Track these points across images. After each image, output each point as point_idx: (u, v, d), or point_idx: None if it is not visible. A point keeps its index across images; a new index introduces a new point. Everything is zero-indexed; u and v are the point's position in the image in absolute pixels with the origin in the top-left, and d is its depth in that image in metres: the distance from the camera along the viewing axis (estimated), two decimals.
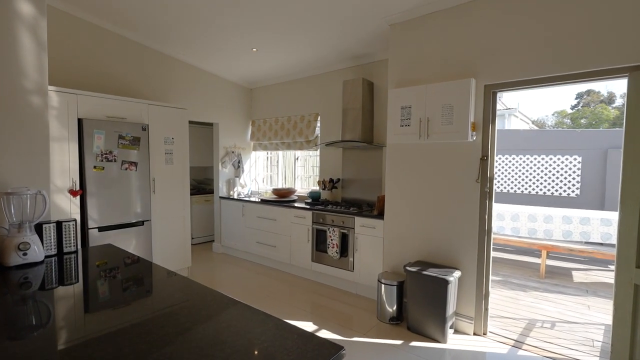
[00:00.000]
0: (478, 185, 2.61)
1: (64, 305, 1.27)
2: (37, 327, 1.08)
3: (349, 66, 4.06)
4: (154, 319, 1.09)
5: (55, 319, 1.14)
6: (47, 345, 0.96)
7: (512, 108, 10.26)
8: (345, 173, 4.14)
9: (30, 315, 1.18)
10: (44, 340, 0.99)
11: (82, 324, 1.11)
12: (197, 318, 1.09)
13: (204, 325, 1.04)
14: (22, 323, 1.11)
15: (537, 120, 20.75)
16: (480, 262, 2.64)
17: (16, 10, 1.68)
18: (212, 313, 1.13)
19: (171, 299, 1.29)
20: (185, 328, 1.02)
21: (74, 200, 2.96)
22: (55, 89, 2.82)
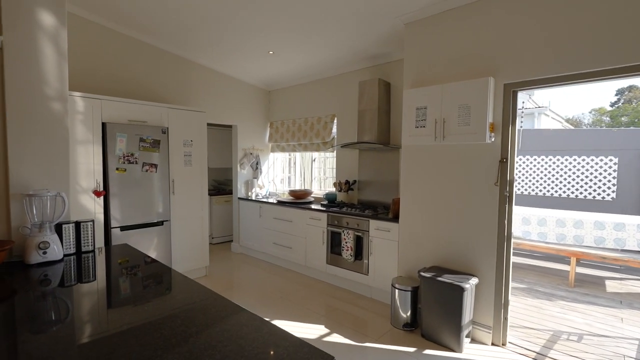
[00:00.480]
0: (497, 189, 2.50)
1: (82, 301, 1.32)
2: (56, 322, 1.14)
3: (365, 67, 4.01)
4: (152, 323, 1.11)
5: (73, 315, 1.20)
6: (66, 339, 1.01)
7: (542, 106, 9.77)
8: (361, 175, 4.10)
9: (49, 311, 1.24)
10: (62, 335, 1.04)
11: (103, 318, 1.15)
12: (194, 322, 1.10)
13: (199, 329, 1.05)
14: (42, 318, 1.17)
15: (572, 118, 19.69)
16: (499, 269, 2.52)
17: (38, 22, 1.78)
18: (210, 317, 1.14)
19: (174, 302, 1.32)
20: (181, 331, 1.03)
21: (98, 200, 3.10)
22: (80, 95, 2.97)
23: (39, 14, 1.78)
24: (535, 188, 6.64)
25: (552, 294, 3.63)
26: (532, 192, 6.66)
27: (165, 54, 4.01)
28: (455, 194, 2.71)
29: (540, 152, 6.58)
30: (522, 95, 9.85)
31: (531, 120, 9.19)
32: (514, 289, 3.74)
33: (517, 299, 3.48)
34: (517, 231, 4.72)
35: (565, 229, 4.31)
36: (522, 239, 4.61)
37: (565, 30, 2.18)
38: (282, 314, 3.03)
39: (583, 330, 2.83)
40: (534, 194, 6.63)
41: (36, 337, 1.01)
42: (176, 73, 4.14)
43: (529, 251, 5.12)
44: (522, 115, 7.81)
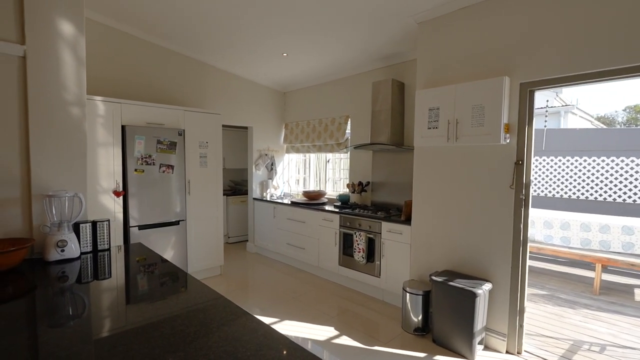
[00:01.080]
0: (512, 192, 2.42)
1: (98, 297, 1.38)
2: (73, 317, 1.20)
3: (379, 67, 3.97)
4: (152, 324, 1.14)
5: (90, 310, 1.27)
6: (83, 333, 1.07)
7: (569, 105, 9.36)
8: (375, 176, 4.06)
9: (67, 306, 1.30)
10: (79, 329, 1.09)
11: (120, 314, 1.20)
12: (193, 322, 1.13)
13: (196, 329, 1.07)
14: (60, 312, 1.23)
15: (605, 116, 18.72)
16: (514, 274, 2.43)
17: (58, 31, 1.87)
18: (209, 318, 1.16)
19: (175, 303, 1.35)
20: (179, 331, 1.06)
21: (118, 200, 3.22)
22: (101, 99, 3.10)
23: (59, 23, 1.87)
24: (560, 190, 6.37)
25: (574, 302, 3.47)
26: (557, 194, 6.38)
27: (183, 57, 4.12)
28: (469, 196, 2.64)
29: (566, 153, 6.30)
30: (549, 94, 9.47)
31: (557, 119, 8.82)
32: (533, 296, 3.60)
33: (537, 305, 3.35)
34: (539, 235, 4.54)
35: (591, 233, 4.11)
36: (544, 243, 4.44)
37: (587, 25, 2.08)
38: (293, 315, 3.05)
39: (606, 341, 2.69)
40: (558, 196, 6.36)
41: (54, 330, 1.07)
42: (193, 76, 4.24)
43: (551, 256, 4.91)
44: (547, 114, 7.51)
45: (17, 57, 1.77)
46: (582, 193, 6.12)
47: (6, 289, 1.46)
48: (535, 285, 3.89)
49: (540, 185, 6.59)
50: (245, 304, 3.26)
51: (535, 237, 4.61)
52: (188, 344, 0.98)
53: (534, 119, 2.42)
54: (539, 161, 6.55)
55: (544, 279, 4.13)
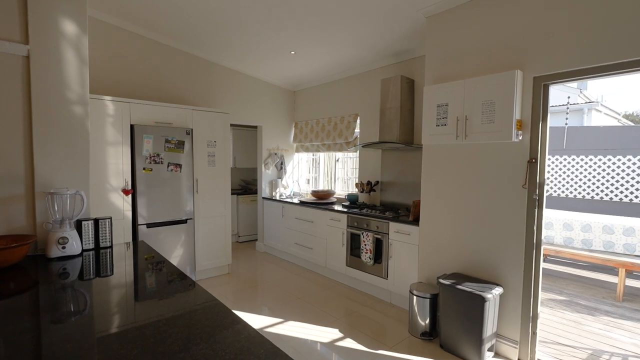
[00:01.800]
0: (525, 192, 2.30)
1: (99, 294, 1.38)
2: (75, 313, 1.20)
3: (388, 64, 3.89)
4: (138, 327, 1.12)
5: (92, 306, 1.27)
6: (84, 329, 1.07)
7: (593, 101, 8.95)
8: (384, 175, 3.98)
9: (67, 303, 1.30)
10: (80, 325, 1.09)
11: (131, 311, 1.20)
12: (177, 323, 1.10)
13: (179, 330, 1.04)
14: (61, 309, 1.23)
15: (633, 114, 17.84)
16: (526, 279, 2.31)
17: (61, 30, 1.89)
18: (195, 320, 1.14)
19: (164, 304, 1.33)
20: (161, 331, 1.04)
21: (127, 198, 3.27)
22: (111, 99, 3.15)
23: (62, 23, 1.89)
24: (582, 191, 6.08)
25: (595, 308, 3.29)
26: (578, 194, 6.10)
27: (191, 57, 4.16)
28: (479, 196, 2.53)
29: (588, 152, 6.01)
30: (571, 90, 9.08)
31: (579, 116, 8.45)
32: (550, 301, 3.44)
33: (554, 311, 3.19)
34: (558, 237, 4.34)
35: (614, 236, 3.89)
36: (563, 246, 4.24)
37: (608, 12, 1.95)
38: (298, 315, 3.01)
39: (629, 351, 2.52)
40: (580, 197, 6.07)
41: (56, 326, 1.08)
42: (202, 75, 4.27)
43: (570, 260, 4.69)
44: (568, 111, 7.19)
45: (20, 57, 1.80)
46: (606, 194, 5.83)
47: (8, 285, 1.49)
48: (552, 290, 3.72)
49: (560, 186, 6.31)
50: (251, 304, 3.25)
51: (555, 240, 4.42)
52: (167, 346, 0.95)
53: (554, 116, 2.29)
54: (559, 160, 6.28)
55: (563, 284, 3.94)
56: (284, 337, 2.64)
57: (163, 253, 3.49)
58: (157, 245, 3.45)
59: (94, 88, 3.42)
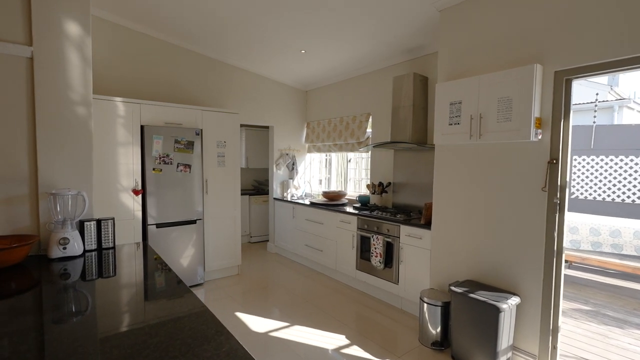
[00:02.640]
0: (545, 195, 2.14)
1: (97, 294, 1.35)
2: (77, 313, 1.18)
3: (401, 61, 3.76)
4: (121, 334, 1.08)
5: (95, 307, 1.25)
6: (86, 329, 1.07)
7: (624, 98, 8.42)
8: (396, 176, 3.85)
9: (69, 303, 1.29)
10: (82, 325, 1.09)
11: (118, 317, 1.17)
12: (160, 332, 1.05)
13: (160, 340, 0.99)
14: (64, 309, 1.22)
15: None
16: (546, 288, 2.15)
17: (65, 31, 1.90)
18: (177, 330, 1.08)
19: (151, 309, 1.29)
20: (142, 341, 0.99)
21: (137, 198, 3.29)
22: (122, 100, 3.18)
23: (66, 24, 1.90)
24: (612, 193, 5.72)
25: (624, 321, 3.05)
26: (607, 197, 5.74)
27: (202, 57, 4.17)
28: (494, 199, 2.38)
29: (619, 152, 5.65)
30: (600, 86, 8.59)
31: (609, 114, 7.97)
32: (574, 311, 3.22)
33: (578, 323, 2.98)
34: (585, 243, 4.08)
35: None
36: (590, 252, 3.98)
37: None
38: (305, 319, 2.94)
39: None
40: (609, 200, 5.71)
41: (59, 327, 1.07)
42: (212, 75, 4.27)
43: (598, 267, 4.40)
44: (596, 109, 6.79)
45: (24, 59, 1.81)
46: (638, 197, 5.45)
47: (9, 284, 1.49)
48: (577, 300, 3.49)
49: (587, 188, 5.96)
50: (257, 306, 3.20)
51: (581, 245, 4.16)
52: (144, 357, 0.90)
53: (580, 114, 2.12)
54: (587, 161, 5.93)
55: (589, 293, 3.69)
56: (289, 342, 2.57)
57: (173, 253, 3.50)
58: (167, 245, 3.46)
59: (105, 89, 3.47)
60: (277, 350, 2.45)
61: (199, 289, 3.61)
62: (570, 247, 4.09)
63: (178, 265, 3.54)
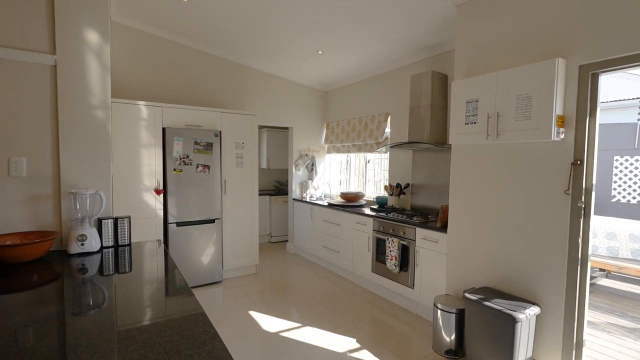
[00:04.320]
0: (568, 198, 1.99)
1: (116, 289, 1.43)
2: (94, 306, 1.25)
3: (419, 59, 3.66)
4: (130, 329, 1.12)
5: (112, 301, 1.32)
6: (104, 322, 1.12)
7: None
8: (415, 177, 3.75)
9: (87, 296, 1.36)
10: (100, 317, 1.15)
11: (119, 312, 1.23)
12: (134, 335, 1.08)
13: (146, 337, 1.02)
14: (83, 302, 1.29)
15: None
16: (569, 298, 2.00)
17: (85, 40, 2.01)
18: (161, 332, 1.11)
19: (152, 309, 1.33)
20: (124, 336, 1.02)
21: (158, 198, 3.43)
22: (144, 104, 3.33)
23: (86, 33, 2.01)
24: None
25: None
26: None
27: (221, 60, 4.27)
28: (513, 203, 2.25)
29: None
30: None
31: None
32: (610, 325, 2.98)
33: (611, 337, 2.75)
34: (625, 250, 3.77)
35: None
36: (631, 260, 3.66)
37: None
38: (317, 321, 2.93)
39: None
40: None
41: (77, 318, 1.14)
42: (232, 78, 4.37)
43: (636, 276, 4.04)
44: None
45: (49, 66, 1.94)
46: None
47: (32, 277, 1.60)
48: (613, 312, 3.22)
49: (631, 191, 5.50)
50: (271, 306, 3.23)
51: (619, 252, 3.84)
52: None
53: (620, 111, 1.96)
54: (630, 161, 5.47)
55: (627, 305, 3.39)
56: (298, 343, 2.57)
57: (192, 251, 3.62)
58: (187, 243, 3.58)
59: (130, 93, 3.65)
60: (286, 351, 2.46)
61: (217, 286, 3.70)
62: (607, 254, 3.79)
63: (198, 263, 3.65)
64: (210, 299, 3.38)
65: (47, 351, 0.94)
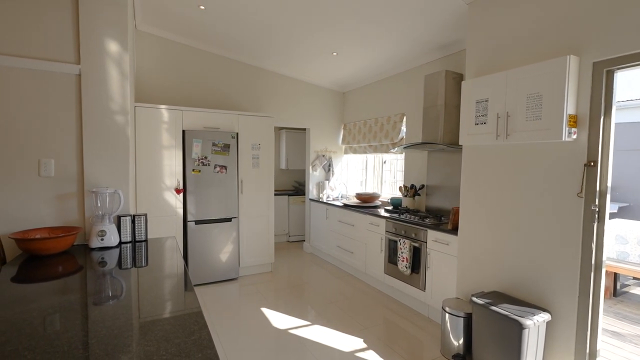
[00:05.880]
0: (581, 201, 1.91)
1: (132, 282, 1.55)
2: (113, 297, 1.37)
3: (434, 59, 3.61)
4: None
5: (135, 291, 1.44)
6: (123, 312, 1.22)
7: None
8: (430, 179, 3.69)
9: (107, 289, 1.48)
10: (119, 308, 1.26)
11: None
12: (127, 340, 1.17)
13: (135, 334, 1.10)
14: (103, 293, 1.42)
15: None
16: (582, 306, 1.92)
17: (107, 50, 2.17)
18: (156, 329, 1.19)
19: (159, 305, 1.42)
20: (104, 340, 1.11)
21: (178, 197, 3.61)
22: (166, 107, 3.51)
23: (107, 43, 2.17)
24: None
25: None
26: None
27: (242, 64, 4.41)
28: (523, 205, 2.18)
29: None
30: None
31: None
32: (636, 337, 2.80)
33: (637, 349, 2.59)
34: None
35: None
36: None
37: None
38: (327, 320, 2.97)
39: None
40: None
41: (97, 307, 1.26)
42: (249, 81, 4.50)
43: None
44: None
45: (74, 75, 2.11)
46: None
47: (57, 268, 1.76)
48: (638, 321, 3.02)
49: None
50: (283, 303, 3.30)
51: None
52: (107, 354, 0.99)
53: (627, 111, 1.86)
54: None
55: None
56: (305, 340, 2.62)
57: (210, 248, 3.77)
58: (205, 240, 3.73)
59: (152, 97, 3.86)
60: (292, 348, 2.52)
61: (233, 283, 3.83)
62: (637, 261, 3.54)
63: (215, 260, 3.79)
64: (225, 294, 3.50)
65: (73, 335, 1.04)
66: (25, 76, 2.00)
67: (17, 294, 1.38)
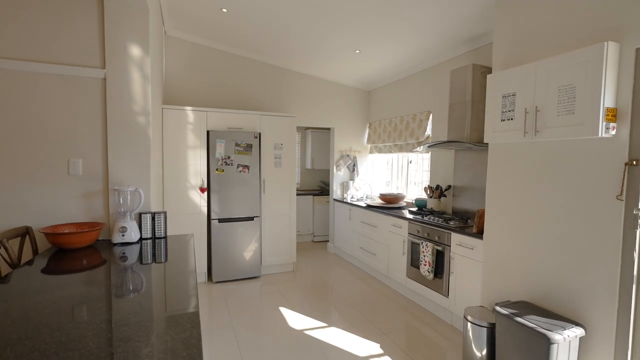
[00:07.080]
0: (621, 205, 1.71)
1: (150, 276, 1.62)
2: (134, 291, 1.43)
3: (461, 53, 3.42)
4: None
5: (149, 286, 1.50)
6: (142, 304, 1.28)
7: None
8: (457, 179, 3.51)
9: (128, 282, 1.55)
10: (139, 300, 1.32)
11: None
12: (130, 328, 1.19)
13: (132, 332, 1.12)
14: (124, 286, 1.48)
15: None
16: (622, 322, 1.71)
17: (129, 54, 2.27)
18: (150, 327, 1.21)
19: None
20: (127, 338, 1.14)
21: (203, 195, 3.71)
22: (191, 109, 3.63)
23: (130, 48, 2.27)
24: None
25: None
26: None
27: (266, 65, 4.46)
28: (554, 208, 1.99)
29: None
30: None
31: None
32: None
33: None
34: None
35: None
36: None
37: None
38: (344, 322, 2.91)
39: None
40: None
41: (120, 300, 1.32)
42: (272, 81, 4.54)
43: None
44: None
45: (99, 79, 2.23)
46: None
47: (82, 261, 1.86)
48: None
49: None
50: (302, 303, 3.29)
51: None
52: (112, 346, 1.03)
53: None
54: None
55: None
56: (320, 342, 2.58)
57: (232, 246, 3.84)
58: (227, 238, 3.81)
59: (179, 100, 4.01)
60: (306, 349, 2.49)
61: (255, 281, 3.88)
62: None
63: (237, 258, 3.86)
64: (246, 292, 3.55)
65: (100, 322, 1.10)
66: (55, 81, 2.14)
67: (50, 283, 1.47)
